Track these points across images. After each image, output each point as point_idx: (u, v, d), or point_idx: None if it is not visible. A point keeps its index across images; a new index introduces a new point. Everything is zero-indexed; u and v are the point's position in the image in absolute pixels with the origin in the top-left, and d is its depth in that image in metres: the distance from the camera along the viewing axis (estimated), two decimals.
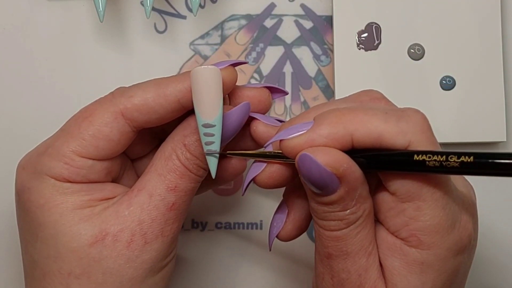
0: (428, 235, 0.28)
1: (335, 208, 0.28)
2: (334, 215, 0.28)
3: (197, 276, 0.41)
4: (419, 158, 0.27)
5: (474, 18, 0.40)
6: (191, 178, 0.31)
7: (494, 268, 0.41)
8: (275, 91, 0.34)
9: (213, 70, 0.29)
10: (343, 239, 0.28)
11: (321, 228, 0.29)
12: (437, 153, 0.27)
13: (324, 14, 0.42)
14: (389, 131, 0.27)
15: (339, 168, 0.27)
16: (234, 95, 0.33)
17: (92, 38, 0.42)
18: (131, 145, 0.33)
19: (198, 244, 0.41)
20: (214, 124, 0.30)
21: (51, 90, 0.41)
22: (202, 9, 0.42)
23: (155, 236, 0.30)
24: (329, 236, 0.29)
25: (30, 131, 0.41)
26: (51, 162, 0.30)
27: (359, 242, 0.28)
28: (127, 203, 0.30)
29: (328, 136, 0.28)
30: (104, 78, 0.41)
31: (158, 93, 0.31)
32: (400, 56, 0.40)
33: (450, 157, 0.26)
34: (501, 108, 0.39)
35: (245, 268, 0.41)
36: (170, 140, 0.32)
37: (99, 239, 0.30)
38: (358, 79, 0.40)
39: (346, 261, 0.29)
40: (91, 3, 0.41)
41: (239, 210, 0.41)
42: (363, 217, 0.28)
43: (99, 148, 0.31)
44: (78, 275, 0.30)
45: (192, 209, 0.41)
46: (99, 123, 0.31)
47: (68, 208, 0.30)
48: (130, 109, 0.31)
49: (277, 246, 0.41)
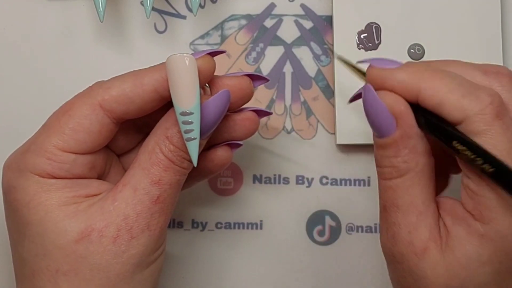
0: (489, 210, 0.29)
1: (389, 153, 0.30)
2: (387, 161, 0.30)
3: (197, 276, 0.41)
4: (456, 146, 0.28)
5: (474, 18, 0.40)
6: (176, 171, 0.31)
7: None
8: (256, 78, 0.34)
9: (187, 57, 0.30)
10: (394, 189, 0.30)
11: (379, 177, 0.31)
12: (473, 147, 0.28)
13: (324, 14, 0.42)
14: (451, 102, 0.29)
15: (396, 109, 0.29)
16: (214, 85, 0.33)
17: (92, 38, 0.42)
18: (115, 139, 0.33)
19: (198, 244, 0.41)
20: (192, 112, 0.30)
21: (51, 89, 0.41)
22: (202, 9, 0.42)
23: (141, 231, 0.30)
24: (384, 186, 0.31)
25: (30, 131, 0.41)
26: (34, 159, 0.30)
27: (409, 197, 0.30)
28: (112, 198, 0.30)
29: (400, 82, 0.30)
30: (104, 78, 0.41)
31: (135, 83, 0.31)
32: (400, 56, 0.40)
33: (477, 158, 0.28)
34: None
35: (245, 268, 0.41)
36: (153, 134, 0.32)
37: (85, 235, 0.30)
38: (358, 79, 0.40)
39: (397, 214, 0.30)
40: (91, 3, 0.41)
41: (239, 210, 0.41)
42: (415, 171, 0.30)
43: (80, 141, 0.31)
44: (66, 272, 0.30)
45: (192, 209, 0.41)
46: (78, 116, 0.31)
47: (53, 205, 0.30)
48: (108, 100, 0.31)
49: (277, 246, 0.41)
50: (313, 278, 0.41)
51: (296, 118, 0.41)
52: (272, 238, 0.41)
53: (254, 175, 0.41)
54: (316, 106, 0.41)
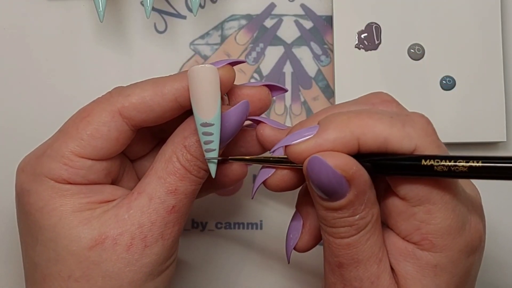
0: (440, 238, 0.28)
1: (345, 214, 0.28)
2: (343, 221, 0.28)
3: (197, 276, 0.41)
4: (427, 163, 0.27)
5: (474, 18, 0.40)
6: (192, 180, 0.31)
7: (497, 267, 0.41)
8: (274, 89, 0.34)
9: (210, 68, 0.29)
10: (354, 246, 0.28)
11: (330, 236, 0.29)
12: (445, 157, 0.27)
13: (324, 14, 0.42)
14: (395, 135, 0.27)
15: (349, 171, 0.27)
16: (233, 94, 0.33)
17: (92, 38, 0.42)
18: (130, 144, 0.32)
19: (198, 244, 0.41)
20: (212, 123, 0.29)
21: (51, 90, 0.41)
22: (202, 9, 0.42)
23: (155, 240, 0.30)
24: (340, 244, 0.28)
25: (30, 131, 0.41)
26: (50, 164, 0.30)
27: (370, 248, 0.28)
28: (127, 206, 0.30)
29: (335, 141, 0.28)
30: (104, 78, 0.41)
31: (156, 92, 0.31)
32: (400, 56, 0.40)
33: (458, 161, 0.26)
34: (501, 108, 0.39)
35: (245, 268, 0.41)
36: (170, 143, 0.31)
37: (98, 243, 0.30)
38: (358, 79, 0.40)
39: (357, 269, 0.28)
40: (91, 3, 0.41)
41: (239, 210, 0.41)
42: (372, 223, 0.28)
43: (97, 148, 0.31)
44: (78, 278, 0.30)
45: (192, 209, 0.41)
46: (97, 123, 0.31)
47: (67, 210, 0.30)
48: (127, 108, 0.31)
49: (277, 246, 0.41)
50: (313, 278, 0.41)
51: (296, 118, 0.41)
52: (272, 238, 0.41)
53: (254, 175, 0.41)
54: (316, 106, 0.41)
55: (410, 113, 0.29)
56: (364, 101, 0.31)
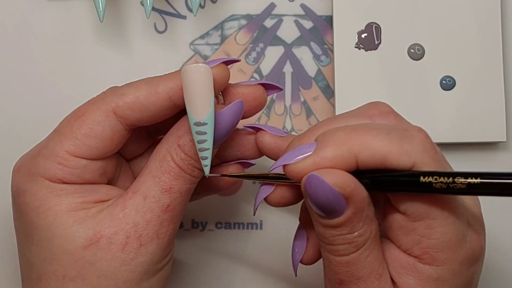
0: (441, 252, 0.28)
1: (343, 231, 0.28)
2: (342, 239, 0.28)
3: (197, 276, 0.41)
4: (425, 180, 0.27)
5: (474, 18, 0.40)
6: (186, 179, 0.31)
7: (497, 274, 0.41)
8: (269, 87, 0.34)
9: (203, 67, 0.29)
10: (354, 263, 0.28)
11: (330, 254, 0.29)
12: (443, 174, 0.26)
13: (324, 14, 0.42)
14: (394, 152, 0.27)
15: (347, 188, 0.27)
16: (228, 93, 0.33)
17: (92, 38, 0.42)
18: (126, 144, 0.33)
19: (198, 244, 0.41)
20: (206, 122, 0.30)
21: (51, 90, 0.41)
22: (202, 9, 0.42)
23: (150, 239, 0.30)
24: (340, 261, 0.28)
25: (29, 131, 0.41)
26: (45, 163, 0.30)
27: (370, 265, 0.28)
28: (122, 205, 0.30)
29: (333, 159, 0.27)
30: (104, 78, 0.41)
31: (150, 91, 0.31)
32: (400, 56, 0.40)
33: (456, 178, 0.26)
34: (501, 108, 0.39)
35: (244, 268, 0.41)
36: (164, 142, 0.32)
37: (93, 242, 0.30)
38: (358, 79, 0.40)
39: (358, 286, 0.28)
40: (91, 3, 0.41)
41: (239, 210, 0.41)
42: (370, 239, 0.28)
43: (92, 147, 0.31)
44: (73, 277, 0.30)
45: (192, 209, 0.41)
46: (91, 122, 0.31)
47: (62, 210, 0.30)
48: (121, 107, 0.31)
49: (277, 246, 0.41)
50: (313, 279, 0.41)
51: (296, 118, 0.41)
52: (272, 238, 0.41)
53: None
54: (316, 106, 0.41)
55: (408, 127, 0.29)
56: (362, 113, 0.31)
